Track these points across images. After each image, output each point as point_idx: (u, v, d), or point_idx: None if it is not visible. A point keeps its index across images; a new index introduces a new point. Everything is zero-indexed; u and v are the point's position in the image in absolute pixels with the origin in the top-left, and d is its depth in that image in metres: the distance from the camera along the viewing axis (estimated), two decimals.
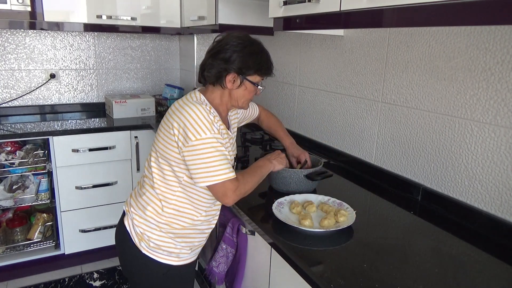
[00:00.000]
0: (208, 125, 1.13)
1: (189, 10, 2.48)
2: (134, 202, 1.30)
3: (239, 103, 1.27)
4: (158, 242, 1.25)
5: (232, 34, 1.23)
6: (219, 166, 1.12)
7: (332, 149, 1.86)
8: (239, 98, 1.25)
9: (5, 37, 2.54)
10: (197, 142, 1.11)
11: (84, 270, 2.48)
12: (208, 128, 1.12)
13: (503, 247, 1.12)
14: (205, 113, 1.14)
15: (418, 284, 0.91)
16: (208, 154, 1.12)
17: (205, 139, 1.11)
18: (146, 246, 1.25)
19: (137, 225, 1.26)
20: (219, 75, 1.20)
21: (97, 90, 2.90)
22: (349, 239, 1.12)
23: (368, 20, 1.08)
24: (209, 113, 1.16)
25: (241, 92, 1.24)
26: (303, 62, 2.03)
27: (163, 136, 1.20)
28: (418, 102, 1.42)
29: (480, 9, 0.79)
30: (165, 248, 1.26)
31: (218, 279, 1.42)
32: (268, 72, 1.26)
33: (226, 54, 1.18)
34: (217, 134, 1.14)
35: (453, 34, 1.26)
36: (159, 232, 1.24)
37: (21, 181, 2.34)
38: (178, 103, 1.21)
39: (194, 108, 1.14)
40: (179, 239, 1.27)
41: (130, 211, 1.30)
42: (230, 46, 1.19)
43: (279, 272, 1.17)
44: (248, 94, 1.26)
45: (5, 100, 2.62)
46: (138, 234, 1.26)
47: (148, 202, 1.25)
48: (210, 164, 1.12)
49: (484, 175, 1.22)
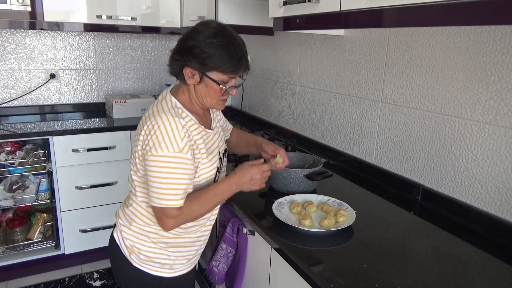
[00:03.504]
0: (173, 140, 1.02)
1: (189, 10, 2.48)
2: (122, 213, 1.23)
3: (206, 102, 1.13)
4: (149, 254, 1.18)
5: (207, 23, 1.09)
6: (166, 190, 1.03)
7: (332, 149, 1.86)
8: (203, 96, 1.12)
9: (5, 37, 2.54)
10: (153, 158, 1.03)
11: (84, 270, 2.48)
12: (172, 144, 1.02)
13: (503, 247, 1.12)
14: (174, 127, 1.03)
15: (418, 284, 0.91)
16: (159, 174, 1.03)
17: (162, 157, 1.02)
18: (137, 258, 1.19)
19: (126, 237, 1.20)
20: (177, 68, 1.10)
21: (97, 90, 2.90)
22: (349, 239, 1.12)
23: (368, 20, 1.08)
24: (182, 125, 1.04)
25: (203, 89, 1.10)
26: (303, 62, 2.03)
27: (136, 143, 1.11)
28: (418, 102, 1.42)
29: (480, 9, 0.79)
30: (157, 260, 1.20)
31: (218, 279, 1.42)
32: (233, 70, 1.08)
33: (185, 43, 1.06)
34: (179, 153, 1.03)
35: (453, 34, 1.26)
36: (150, 243, 1.18)
37: (21, 181, 2.34)
38: (152, 109, 1.10)
39: (165, 121, 1.03)
40: (172, 249, 1.20)
41: (118, 223, 1.23)
42: (193, 34, 1.06)
43: (279, 272, 1.17)
44: (213, 93, 1.11)
45: (5, 100, 2.62)
46: (128, 247, 1.20)
47: (135, 212, 1.18)
48: (157, 185, 1.03)
49: (484, 175, 1.22)
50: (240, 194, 1.21)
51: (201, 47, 1.04)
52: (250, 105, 2.63)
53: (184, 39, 1.08)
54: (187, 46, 1.06)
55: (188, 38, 1.07)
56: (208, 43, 1.04)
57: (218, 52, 1.04)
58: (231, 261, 1.40)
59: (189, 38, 1.07)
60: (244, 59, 1.10)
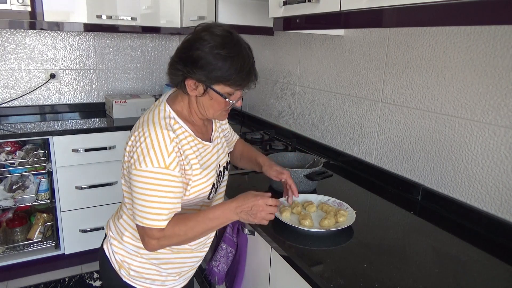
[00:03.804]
0: (159, 155, 0.94)
1: (189, 10, 2.48)
2: (113, 225, 1.17)
3: (208, 114, 1.05)
4: (139, 270, 1.12)
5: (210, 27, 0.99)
6: (148, 208, 0.95)
7: (332, 149, 1.86)
8: (206, 108, 1.04)
9: (5, 37, 2.54)
10: (136, 173, 0.95)
11: (84, 270, 2.48)
12: (157, 159, 0.93)
13: (503, 247, 1.12)
14: (162, 141, 0.95)
15: (418, 284, 0.91)
16: (142, 191, 0.95)
17: (146, 172, 0.93)
18: (126, 274, 1.13)
19: (116, 251, 1.13)
20: (178, 79, 1.00)
21: (97, 90, 2.90)
22: (349, 239, 1.12)
23: (368, 20, 1.08)
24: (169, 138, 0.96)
25: (206, 101, 1.02)
26: (303, 62, 2.03)
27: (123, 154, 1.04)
28: (418, 102, 1.42)
29: (480, 9, 0.79)
30: (148, 276, 1.13)
31: (218, 279, 1.42)
32: (241, 84, 1.00)
33: (190, 53, 0.96)
34: (165, 169, 0.94)
35: (453, 34, 1.26)
36: (140, 258, 1.11)
37: (21, 181, 2.34)
38: (144, 117, 1.03)
39: (152, 132, 0.95)
40: (164, 265, 1.13)
41: (109, 235, 1.17)
42: (198, 44, 0.95)
43: (279, 272, 1.17)
44: (217, 106, 1.03)
45: (5, 100, 2.62)
46: (118, 261, 1.13)
47: (125, 226, 1.11)
48: (140, 202, 0.95)
49: (484, 175, 1.22)
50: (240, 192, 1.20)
51: (208, 59, 0.95)
52: (250, 105, 2.63)
53: (187, 47, 0.98)
54: (191, 56, 0.96)
55: (192, 47, 0.96)
56: (215, 54, 0.94)
57: (226, 65, 0.95)
58: (231, 261, 1.40)
59: (194, 47, 0.96)
60: (253, 72, 1.02)
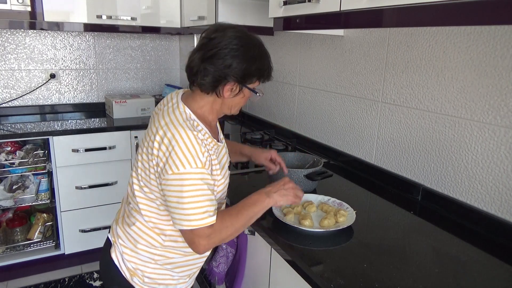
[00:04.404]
0: (195, 155, 0.96)
1: (189, 10, 2.48)
2: (122, 232, 1.15)
3: (232, 110, 1.14)
4: (153, 276, 1.13)
5: (228, 32, 1.03)
6: (194, 209, 0.96)
7: (332, 149, 1.86)
8: (233, 106, 1.12)
9: (5, 37, 2.54)
10: (174, 177, 0.96)
11: (84, 270, 2.48)
12: (194, 160, 0.96)
13: (503, 247, 1.12)
14: (194, 142, 0.97)
15: (418, 284, 0.91)
16: (183, 194, 0.96)
17: (185, 174, 0.96)
18: (140, 281, 1.13)
19: (128, 259, 1.13)
20: (216, 84, 1.04)
21: (97, 90, 2.90)
22: (349, 239, 1.12)
23: (368, 20, 1.08)
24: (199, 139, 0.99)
25: (237, 100, 1.11)
26: (303, 62, 2.03)
27: (145, 157, 1.05)
28: (418, 102, 1.42)
29: (480, 9, 0.79)
30: (161, 281, 1.15)
31: (218, 279, 1.42)
32: (269, 76, 1.13)
33: (226, 60, 1.01)
34: (202, 168, 0.98)
35: (453, 34, 1.26)
36: (154, 265, 1.13)
37: (21, 181, 2.34)
38: (165, 119, 1.03)
39: (183, 135, 0.97)
40: (177, 269, 1.16)
41: (118, 243, 1.15)
42: (228, 50, 1.01)
43: (279, 272, 1.17)
44: (244, 101, 1.14)
45: (5, 100, 2.62)
46: (130, 269, 1.13)
47: (141, 234, 1.11)
48: (183, 206, 0.96)
49: (484, 175, 1.22)
50: (241, 193, 1.21)
51: (245, 63, 1.03)
52: (250, 105, 2.63)
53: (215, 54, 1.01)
54: (229, 64, 1.01)
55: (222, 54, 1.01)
56: (248, 57, 1.03)
57: (260, 63, 1.07)
58: (231, 261, 1.40)
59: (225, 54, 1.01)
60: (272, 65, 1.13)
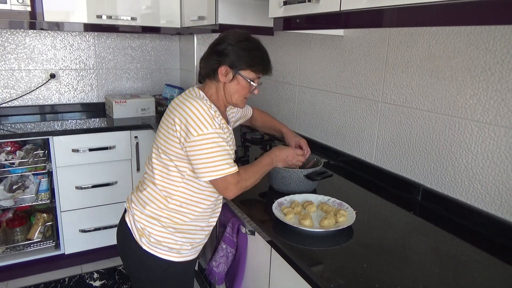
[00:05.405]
0: (209, 120, 1.15)
1: (189, 10, 2.48)
2: (135, 198, 1.31)
3: (233, 99, 1.28)
4: (158, 238, 1.26)
5: (233, 30, 1.27)
6: (221, 161, 1.15)
7: (332, 149, 1.86)
8: (232, 94, 1.26)
9: (5, 37, 2.54)
10: (199, 138, 1.14)
11: (84, 270, 2.48)
12: (209, 123, 1.14)
13: (503, 247, 1.12)
14: (206, 108, 1.16)
15: (418, 284, 0.91)
16: (210, 150, 1.14)
17: (206, 134, 1.14)
18: (147, 241, 1.26)
19: (137, 220, 1.27)
20: (212, 67, 1.24)
21: (97, 90, 2.90)
22: (349, 239, 1.12)
23: (368, 20, 1.08)
24: (210, 108, 1.18)
25: (234, 87, 1.25)
26: (303, 62, 2.03)
27: (164, 132, 1.22)
28: (418, 102, 1.42)
29: (480, 9, 0.79)
30: (166, 244, 1.27)
31: (218, 279, 1.42)
32: (263, 70, 1.27)
33: (221, 47, 1.22)
34: (219, 129, 1.17)
35: (453, 34, 1.26)
36: (160, 227, 1.25)
37: (21, 181, 2.34)
38: (178, 99, 1.23)
39: (195, 104, 1.16)
40: (179, 234, 1.28)
41: (131, 207, 1.31)
42: (226, 40, 1.23)
43: (279, 272, 1.17)
44: (242, 90, 1.27)
45: (5, 100, 2.62)
46: (139, 229, 1.27)
47: (149, 197, 1.26)
48: (212, 159, 1.14)
49: (484, 175, 1.22)
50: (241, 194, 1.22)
51: (236, 49, 1.22)
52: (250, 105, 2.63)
53: (219, 43, 1.24)
54: (224, 49, 1.22)
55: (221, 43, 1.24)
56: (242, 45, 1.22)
57: (252, 54, 1.23)
58: (231, 261, 1.40)
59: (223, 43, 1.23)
60: (270, 63, 1.29)
